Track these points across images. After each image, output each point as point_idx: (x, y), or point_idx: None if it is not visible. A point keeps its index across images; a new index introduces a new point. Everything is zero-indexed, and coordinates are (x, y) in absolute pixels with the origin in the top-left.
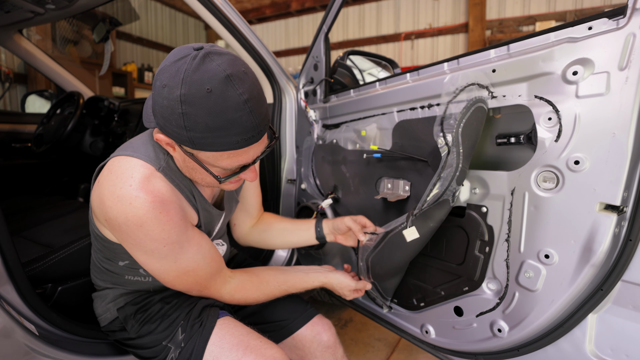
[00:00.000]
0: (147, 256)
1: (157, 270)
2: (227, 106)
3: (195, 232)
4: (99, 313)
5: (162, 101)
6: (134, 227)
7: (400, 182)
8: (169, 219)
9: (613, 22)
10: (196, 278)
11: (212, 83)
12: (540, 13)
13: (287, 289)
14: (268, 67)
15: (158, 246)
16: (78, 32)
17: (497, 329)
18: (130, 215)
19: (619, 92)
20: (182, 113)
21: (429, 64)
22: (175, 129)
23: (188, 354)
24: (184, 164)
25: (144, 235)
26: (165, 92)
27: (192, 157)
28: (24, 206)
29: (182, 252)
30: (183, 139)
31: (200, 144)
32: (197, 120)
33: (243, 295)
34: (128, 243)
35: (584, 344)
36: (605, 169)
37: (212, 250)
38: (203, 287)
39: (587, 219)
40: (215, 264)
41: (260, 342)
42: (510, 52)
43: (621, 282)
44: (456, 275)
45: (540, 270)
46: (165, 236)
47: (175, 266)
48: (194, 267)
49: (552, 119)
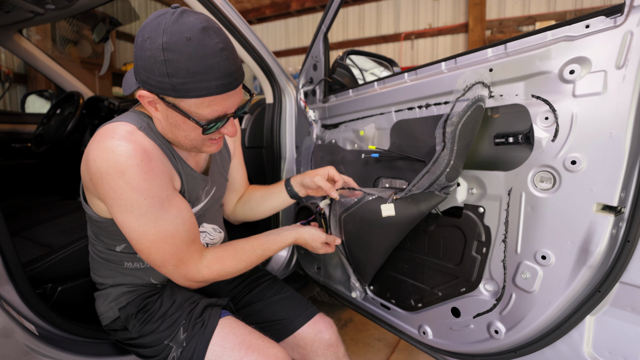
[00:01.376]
0: (126, 213)
1: (135, 232)
2: (206, 53)
3: (176, 194)
4: (101, 312)
5: (145, 53)
6: (116, 175)
7: (398, 182)
8: (150, 169)
9: (610, 20)
10: (174, 247)
11: (191, 32)
12: (540, 13)
13: (263, 252)
14: (268, 67)
15: (138, 198)
16: (78, 32)
17: (494, 330)
18: (113, 162)
19: (616, 91)
20: (165, 60)
21: (427, 64)
22: (158, 77)
23: (190, 354)
24: (166, 122)
25: (125, 185)
26: (148, 43)
27: (174, 108)
28: (23, 206)
29: (162, 211)
30: (166, 87)
31: (182, 90)
32: (179, 65)
33: (221, 265)
34: (109, 198)
35: (581, 346)
36: (602, 169)
37: (192, 219)
38: (180, 259)
39: (584, 219)
40: (193, 234)
41: (263, 342)
42: (507, 51)
43: (619, 284)
44: (453, 276)
45: (537, 272)
46: (146, 187)
47: (154, 228)
48: (172, 233)
49: (549, 119)
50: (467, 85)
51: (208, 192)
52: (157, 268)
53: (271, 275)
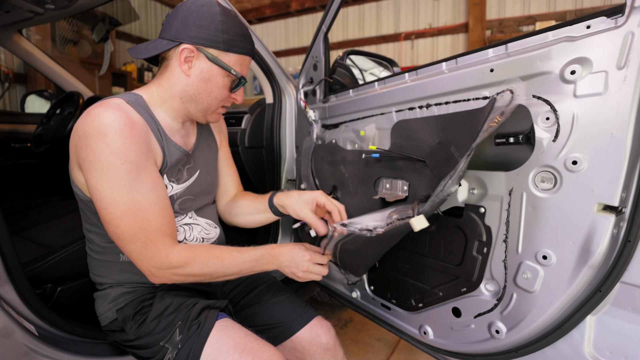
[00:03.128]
0: (101, 177)
1: (107, 198)
2: (245, 25)
3: (155, 170)
4: (100, 312)
5: (203, 14)
6: (98, 136)
7: (399, 182)
8: (132, 134)
9: (611, 20)
10: (145, 222)
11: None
12: (540, 13)
13: (237, 255)
14: (268, 67)
15: (116, 162)
16: (78, 32)
17: (495, 330)
18: (97, 125)
19: (617, 92)
20: (221, 21)
21: (428, 64)
22: (214, 32)
23: (185, 356)
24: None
25: (105, 147)
26: (205, 9)
27: (215, 60)
28: (23, 206)
29: (137, 181)
30: (219, 40)
31: (232, 45)
32: (231, 27)
33: (192, 252)
34: (88, 162)
35: (582, 346)
36: (603, 169)
37: (168, 201)
38: (150, 238)
39: (585, 219)
40: (168, 216)
41: (258, 345)
42: (508, 51)
43: (620, 284)
44: (454, 276)
45: (538, 272)
46: (125, 151)
47: (126, 197)
48: (145, 207)
49: (550, 119)
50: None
51: (191, 171)
52: (123, 246)
53: (270, 277)
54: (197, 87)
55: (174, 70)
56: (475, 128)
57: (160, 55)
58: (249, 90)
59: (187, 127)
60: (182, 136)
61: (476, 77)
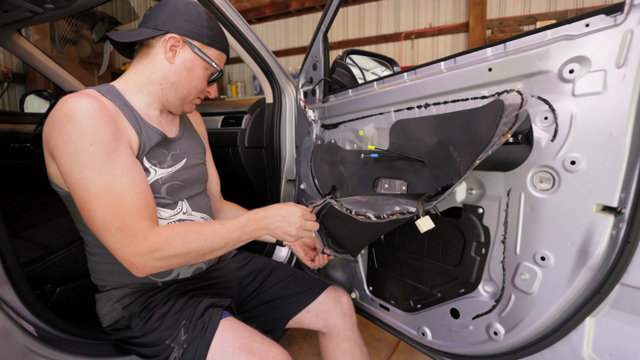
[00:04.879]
0: (71, 162)
1: (78, 183)
2: (222, 28)
3: (129, 152)
4: (104, 313)
5: (190, 11)
6: (65, 119)
7: (397, 183)
8: (100, 116)
9: (610, 18)
10: (118, 207)
11: None
12: (541, 12)
13: (220, 227)
14: (268, 67)
15: (84, 143)
16: (77, 31)
17: (493, 331)
18: (65, 109)
19: (616, 91)
20: (206, 19)
21: (426, 63)
22: (199, 27)
23: (191, 356)
24: (179, 66)
25: (72, 129)
26: (192, 7)
27: (199, 52)
28: (22, 206)
29: (108, 163)
30: (203, 35)
31: (213, 41)
32: (214, 26)
33: (171, 231)
34: (57, 148)
35: (581, 348)
36: (602, 170)
37: (145, 186)
38: (125, 223)
39: (584, 220)
40: (145, 200)
41: (263, 344)
42: (506, 50)
43: (619, 285)
44: (452, 277)
45: (536, 273)
46: (94, 132)
47: (97, 181)
48: (119, 190)
49: (549, 118)
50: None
51: (176, 158)
52: (100, 235)
53: (281, 262)
54: (179, 75)
55: (156, 57)
56: (475, 128)
57: (139, 43)
58: (249, 90)
59: (165, 116)
60: (161, 123)
61: (474, 77)
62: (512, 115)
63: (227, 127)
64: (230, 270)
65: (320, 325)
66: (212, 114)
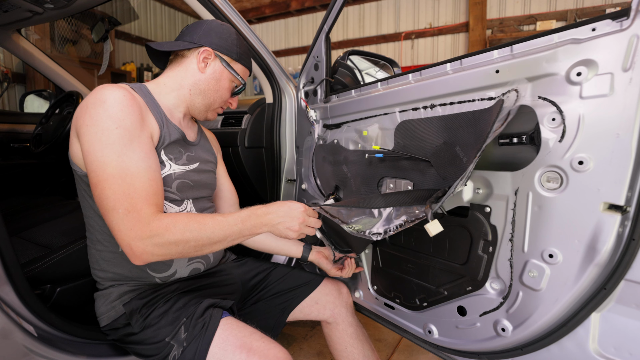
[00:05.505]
0: (94, 141)
1: (97, 161)
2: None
3: (149, 142)
4: (102, 312)
5: (223, 30)
6: (97, 103)
7: (403, 183)
8: (129, 104)
9: (617, 23)
10: (130, 189)
11: None
12: (541, 12)
13: (221, 219)
14: (268, 67)
15: (110, 125)
16: (77, 31)
17: (500, 328)
18: (99, 95)
19: (623, 93)
20: (236, 38)
21: (431, 64)
22: (230, 44)
23: (191, 355)
24: (209, 76)
25: (103, 112)
26: (225, 27)
27: (228, 66)
28: (22, 206)
29: (129, 147)
30: (233, 51)
31: (240, 58)
32: (242, 45)
33: (173, 218)
34: (85, 126)
35: (587, 343)
36: (609, 169)
37: (158, 175)
38: (133, 205)
39: (591, 218)
40: (156, 187)
41: (264, 343)
42: (513, 52)
43: (624, 281)
44: (459, 275)
45: (544, 270)
46: (121, 116)
47: (115, 161)
48: (133, 173)
49: (556, 120)
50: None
51: (191, 159)
52: (106, 213)
53: (279, 263)
54: (208, 84)
55: (189, 66)
56: (482, 129)
57: (174, 53)
58: (249, 90)
59: (187, 121)
60: (182, 124)
61: (481, 78)
62: (505, 111)
63: (227, 127)
64: (233, 271)
65: (327, 315)
66: None
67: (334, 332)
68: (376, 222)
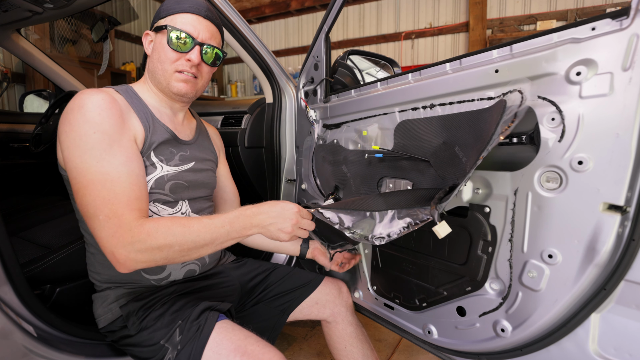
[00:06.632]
0: (74, 147)
1: (77, 168)
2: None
3: (132, 146)
4: (99, 314)
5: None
6: (76, 108)
7: (402, 182)
8: (108, 107)
9: (616, 22)
10: (110, 195)
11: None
12: (541, 12)
13: (208, 221)
14: (268, 67)
15: (88, 130)
16: (76, 31)
17: (500, 328)
18: (77, 100)
19: (623, 93)
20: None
21: (431, 64)
22: (160, 12)
23: (185, 358)
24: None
25: (80, 117)
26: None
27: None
28: (22, 206)
29: (108, 152)
30: (161, 14)
31: (168, 10)
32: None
33: (156, 222)
34: (64, 133)
35: (587, 344)
36: (608, 169)
37: (141, 179)
38: (114, 211)
39: (591, 219)
40: (138, 192)
41: (259, 347)
42: (513, 52)
43: (624, 282)
44: (459, 276)
45: (543, 270)
46: (99, 121)
47: (95, 167)
48: (113, 178)
49: (556, 119)
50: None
51: (185, 159)
52: (88, 220)
53: (278, 264)
54: (152, 60)
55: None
56: (482, 128)
57: None
58: (249, 90)
59: (181, 119)
60: (174, 123)
61: (481, 78)
62: (511, 113)
63: (227, 127)
64: (232, 272)
65: (327, 314)
66: (212, 114)
67: (334, 332)
68: (377, 225)
